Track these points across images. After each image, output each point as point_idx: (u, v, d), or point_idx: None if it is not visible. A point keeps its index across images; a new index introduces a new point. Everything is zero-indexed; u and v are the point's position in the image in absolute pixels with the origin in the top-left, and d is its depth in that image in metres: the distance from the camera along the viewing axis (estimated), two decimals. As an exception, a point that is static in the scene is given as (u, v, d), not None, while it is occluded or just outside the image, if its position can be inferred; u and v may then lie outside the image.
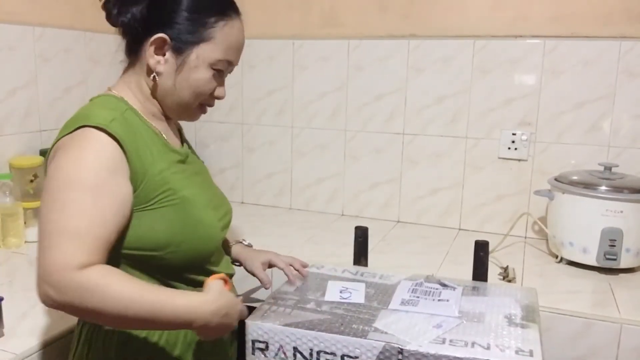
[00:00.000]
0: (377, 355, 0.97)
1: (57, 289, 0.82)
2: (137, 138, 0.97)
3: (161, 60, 1.00)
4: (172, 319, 0.87)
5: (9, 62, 1.71)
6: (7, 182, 1.62)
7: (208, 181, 1.17)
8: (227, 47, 1.03)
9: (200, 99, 1.05)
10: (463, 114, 1.90)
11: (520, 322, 1.06)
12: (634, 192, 1.51)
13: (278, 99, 2.14)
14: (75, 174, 0.88)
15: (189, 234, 0.99)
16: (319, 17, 2.05)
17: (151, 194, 0.96)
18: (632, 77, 1.71)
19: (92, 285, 0.82)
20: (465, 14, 1.87)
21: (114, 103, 1.00)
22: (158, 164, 0.99)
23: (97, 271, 0.84)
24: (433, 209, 2.00)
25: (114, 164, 0.91)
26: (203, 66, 1.01)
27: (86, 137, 0.91)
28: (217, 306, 0.91)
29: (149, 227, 0.96)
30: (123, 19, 1.00)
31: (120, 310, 0.83)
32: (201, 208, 1.03)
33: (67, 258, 0.83)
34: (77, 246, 0.84)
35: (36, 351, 1.09)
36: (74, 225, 0.85)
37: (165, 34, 0.99)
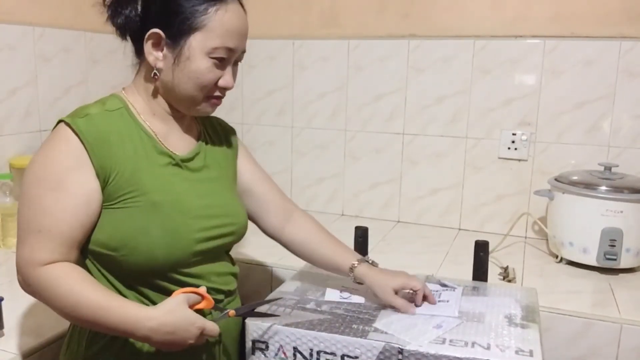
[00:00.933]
0: (377, 355, 0.97)
1: (23, 281, 0.93)
2: (111, 135, 0.97)
3: (159, 56, 1.00)
4: (114, 326, 0.90)
5: (9, 62, 1.71)
6: (7, 182, 1.62)
7: (215, 189, 1.09)
8: (223, 33, 0.99)
9: (205, 91, 1.02)
10: (463, 114, 1.90)
11: (520, 322, 1.06)
12: (634, 192, 1.51)
13: (278, 99, 2.14)
14: (42, 172, 0.93)
15: (145, 240, 0.96)
16: (319, 17, 2.05)
17: (116, 193, 0.96)
18: (632, 77, 1.71)
19: (47, 282, 0.91)
20: (465, 14, 1.87)
21: (111, 101, 1.02)
22: (133, 163, 0.98)
23: (56, 269, 0.91)
24: (433, 209, 2.00)
25: (77, 161, 0.94)
26: (199, 56, 0.98)
27: (57, 134, 0.96)
28: (157, 323, 0.90)
29: (108, 226, 0.96)
30: (119, 21, 1.01)
31: (69, 309, 0.90)
32: (170, 215, 0.99)
33: (32, 254, 0.91)
34: (40, 243, 0.91)
35: (36, 351, 1.09)
36: (37, 223, 0.92)
37: (158, 29, 0.98)
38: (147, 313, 0.91)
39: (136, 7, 1.00)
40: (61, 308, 0.91)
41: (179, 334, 0.91)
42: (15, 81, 1.73)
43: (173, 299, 0.93)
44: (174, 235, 0.98)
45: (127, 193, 0.96)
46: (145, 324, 0.90)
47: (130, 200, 0.96)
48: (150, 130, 1.03)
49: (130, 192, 0.96)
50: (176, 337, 0.91)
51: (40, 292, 0.92)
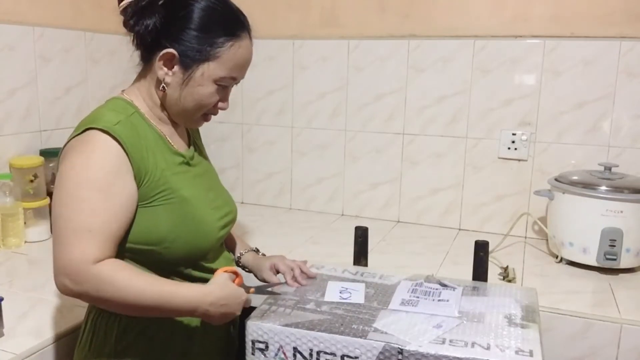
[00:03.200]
0: (377, 355, 0.97)
1: (75, 280, 0.93)
2: (140, 140, 1.03)
3: (169, 73, 1.06)
4: (176, 308, 0.99)
5: (9, 62, 1.71)
6: (7, 182, 1.61)
7: (212, 182, 1.21)
8: (233, 66, 1.07)
9: (204, 110, 1.10)
10: (463, 114, 1.90)
11: (520, 322, 1.06)
12: (634, 192, 1.51)
13: (278, 99, 2.14)
14: (87, 175, 0.96)
15: (184, 232, 1.05)
16: (319, 17, 2.05)
17: (151, 192, 1.02)
18: (632, 77, 1.71)
19: (106, 277, 0.93)
20: (465, 14, 1.87)
21: (123, 106, 1.07)
22: (160, 164, 1.05)
23: (109, 265, 0.95)
24: (433, 209, 2.00)
25: (119, 165, 0.98)
26: (208, 82, 1.06)
27: (93, 139, 0.98)
28: (215, 297, 1.01)
29: (147, 223, 1.02)
30: (138, 29, 1.04)
31: (130, 299, 0.94)
32: (199, 208, 1.08)
33: (83, 253, 0.93)
34: (91, 242, 0.94)
35: (36, 351, 1.09)
36: (88, 223, 0.94)
37: (174, 49, 1.04)
38: (205, 289, 1.01)
39: (157, 20, 1.04)
40: (123, 300, 0.94)
41: (231, 306, 1.03)
42: (15, 81, 1.73)
43: (221, 277, 1.05)
44: (205, 225, 1.09)
45: (161, 192, 1.04)
46: (205, 299, 0.99)
47: (164, 199, 1.04)
48: (160, 132, 1.10)
49: (164, 191, 1.04)
50: (229, 308, 1.03)
51: (99, 288, 0.93)
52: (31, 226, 1.68)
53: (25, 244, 1.67)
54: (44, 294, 1.32)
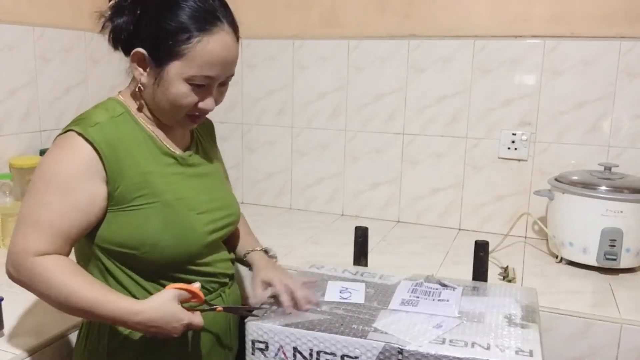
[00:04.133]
0: (377, 355, 0.97)
1: (14, 268, 0.96)
2: (121, 142, 1.01)
3: (144, 73, 1.03)
4: (105, 317, 0.96)
5: (9, 62, 1.71)
6: (7, 182, 1.62)
7: (211, 184, 1.16)
8: (204, 63, 1.00)
9: (184, 111, 1.04)
10: (463, 114, 1.90)
11: (520, 322, 1.06)
12: (634, 192, 1.51)
13: (278, 99, 2.14)
14: (49, 172, 0.97)
15: (164, 237, 1.02)
16: (319, 17, 2.05)
17: (129, 196, 1.01)
18: (632, 77, 1.71)
19: (40, 272, 0.94)
20: (465, 14, 1.87)
21: (112, 106, 1.06)
22: (142, 166, 1.03)
23: (49, 260, 0.94)
24: (433, 209, 2.00)
25: (86, 169, 0.97)
26: (177, 81, 1.01)
27: (66, 142, 0.99)
28: (144, 318, 0.95)
29: (126, 226, 1.01)
30: (109, 28, 1.06)
31: (61, 299, 0.94)
32: (183, 212, 1.05)
33: (26, 243, 0.94)
34: (35, 234, 0.95)
35: (36, 351, 1.09)
36: (37, 215, 0.95)
37: (143, 49, 1.01)
38: (134, 308, 0.95)
39: (129, 20, 1.03)
40: (53, 298, 0.94)
41: (164, 328, 0.96)
42: (15, 81, 1.73)
43: (162, 295, 0.97)
44: (189, 231, 1.05)
45: (140, 197, 1.01)
46: (132, 318, 0.95)
47: (145, 202, 1.01)
48: (151, 133, 1.07)
49: (144, 195, 1.01)
50: (162, 330, 0.96)
51: (32, 281, 0.94)
52: (31, 226, 1.68)
53: (25, 244, 1.66)
54: (44, 294, 1.32)
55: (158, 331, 0.96)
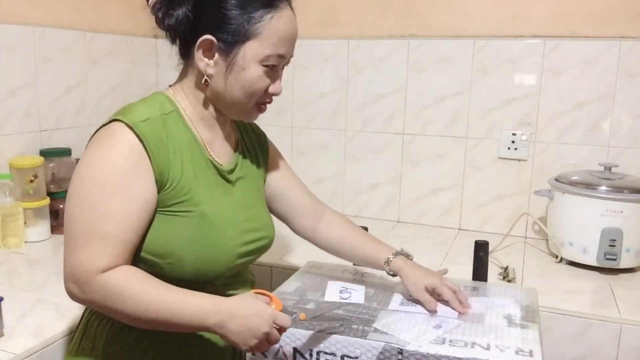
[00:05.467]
0: (377, 355, 0.96)
1: (82, 288, 0.88)
2: (169, 142, 0.96)
3: (210, 63, 0.98)
4: (188, 320, 0.89)
5: (9, 62, 1.71)
6: (7, 182, 1.61)
7: (250, 202, 1.09)
8: (277, 41, 0.97)
9: (255, 98, 1.01)
10: (463, 114, 1.90)
11: (520, 323, 1.06)
12: (634, 192, 1.51)
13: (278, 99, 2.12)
14: (103, 175, 0.89)
15: (193, 251, 0.97)
16: (319, 17, 2.05)
17: (169, 201, 0.95)
18: (632, 77, 1.71)
19: (114, 287, 0.87)
20: (465, 14, 1.87)
21: (161, 102, 1.00)
22: (187, 171, 0.97)
23: (119, 273, 0.88)
24: (433, 209, 2.00)
25: (139, 166, 0.91)
26: (253, 64, 0.97)
27: (115, 133, 0.92)
28: (234, 306, 0.90)
29: (157, 232, 0.95)
30: (169, 22, 0.97)
31: (140, 311, 0.87)
32: (219, 228, 0.99)
33: (93, 260, 0.87)
34: (103, 249, 0.88)
35: (36, 351, 1.09)
36: (102, 229, 0.88)
37: (211, 35, 0.96)
38: (221, 299, 0.90)
39: (188, 9, 0.96)
40: (131, 311, 0.88)
41: (252, 320, 0.89)
42: (15, 81, 1.73)
43: (247, 293, 0.95)
44: (221, 249, 1.00)
45: (181, 202, 0.96)
46: (219, 310, 0.89)
47: (183, 210, 0.96)
48: (198, 137, 1.02)
49: (184, 202, 0.96)
50: (250, 322, 0.89)
51: (106, 298, 0.87)
52: (31, 226, 1.68)
53: (25, 244, 1.66)
54: (44, 294, 1.32)
55: (247, 324, 0.88)
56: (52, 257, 1.59)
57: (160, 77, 2.22)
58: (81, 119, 1.90)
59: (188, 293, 0.91)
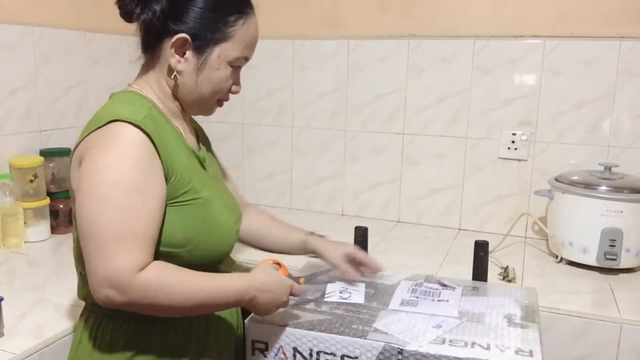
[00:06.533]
0: (377, 355, 0.97)
1: (121, 291, 0.87)
2: (164, 135, 0.98)
3: (181, 60, 1.01)
4: (226, 300, 0.96)
5: (9, 62, 1.71)
6: (7, 182, 1.61)
7: (222, 184, 1.17)
8: (246, 45, 1.05)
9: (219, 96, 1.07)
10: (463, 114, 1.90)
11: (520, 322, 1.06)
12: (634, 192, 1.51)
13: (278, 99, 2.14)
14: (123, 176, 0.90)
15: (208, 234, 1.01)
16: (319, 17, 2.05)
17: (177, 192, 0.97)
18: (632, 77, 1.71)
19: (154, 283, 0.89)
20: (465, 14, 1.87)
21: (139, 100, 1.02)
22: (182, 161, 1.00)
23: (154, 269, 0.90)
24: (433, 209, 2.00)
25: (152, 162, 0.93)
26: (223, 65, 1.03)
27: (123, 134, 0.92)
28: (263, 282, 0.99)
29: (172, 224, 0.97)
30: (144, 16, 0.99)
31: (183, 300, 0.91)
32: (220, 210, 1.05)
33: (130, 262, 0.87)
34: (137, 249, 0.89)
35: (36, 351, 1.09)
36: (131, 229, 0.89)
37: (186, 34, 0.99)
38: (250, 276, 0.99)
39: (164, 5, 0.99)
40: (174, 303, 0.91)
41: (277, 292, 1.01)
42: (15, 81, 1.73)
43: (264, 266, 1.05)
44: (225, 227, 1.06)
45: (186, 192, 0.99)
46: (252, 285, 0.98)
47: (190, 198, 0.99)
48: (177, 129, 1.05)
49: (188, 191, 0.99)
50: (275, 295, 1.00)
51: (148, 296, 0.88)
52: (31, 226, 1.68)
53: (25, 244, 1.66)
54: (44, 294, 1.32)
55: (273, 297, 1.00)
56: (52, 257, 1.60)
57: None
58: (81, 119, 1.90)
59: (221, 277, 0.98)
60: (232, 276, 1.00)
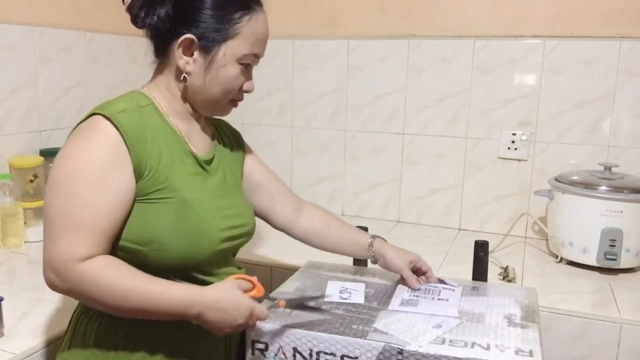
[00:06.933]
0: (376, 355, 0.97)
1: (60, 277, 0.89)
2: (146, 131, 0.97)
3: (189, 61, 1.01)
4: (167, 309, 0.92)
5: (9, 62, 1.71)
6: (7, 182, 1.62)
7: (228, 190, 1.12)
8: (254, 41, 1.04)
9: (231, 95, 1.06)
10: (463, 114, 1.90)
11: (520, 322, 1.06)
12: (634, 192, 1.51)
13: (278, 99, 2.14)
14: (82, 166, 0.91)
15: (176, 236, 0.98)
16: (319, 17, 2.05)
17: (149, 188, 0.97)
18: (632, 77, 1.71)
19: (92, 276, 0.88)
20: (465, 14, 1.87)
21: (136, 97, 1.02)
22: (164, 159, 0.99)
23: (97, 262, 0.90)
24: (433, 209, 2.00)
25: (117, 155, 0.93)
26: (231, 62, 1.02)
27: (94, 126, 0.94)
28: (210, 300, 0.93)
29: (139, 220, 0.96)
30: (149, 21, 1.00)
31: (119, 300, 0.89)
32: (200, 213, 1.01)
33: (71, 249, 0.88)
34: (80, 238, 0.89)
35: (36, 351, 1.09)
36: (79, 218, 0.89)
37: (192, 34, 0.99)
38: (200, 291, 0.94)
39: (169, 7, 1.00)
40: (110, 301, 0.89)
41: (229, 312, 0.94)
42: (15, 81, 1.73)
43: (225, 282, 0.98)
44: (203, 232, 1.01)
45: (160, 190, 0.97)
46: (198, 301, 0.92)
47: (162, 197, 0.98)
48: (175, 129, 1.05)
49: (163, 189, 0.98)
50: (227, 315, 0.94)
51: (84, 287, 0.89)
52: (31, 226, 1.68)
53: (25, 244, 1.67)
54: (44, 294, 1.32)
55: (224, 317, 0.94)
56: (52, 257, 1.59)
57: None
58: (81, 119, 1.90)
59: (167, 284, 0.93)
60: (179, 286, 0.94)
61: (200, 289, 0.95)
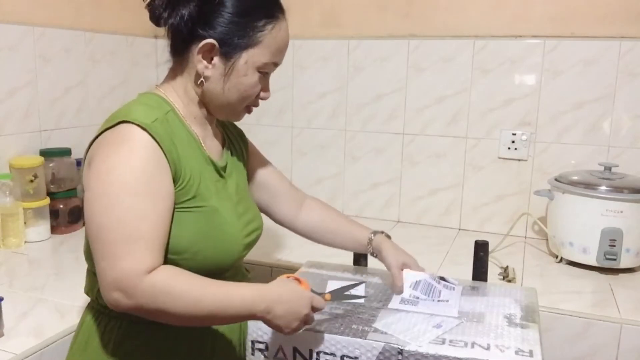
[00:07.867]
0: (376, 355, 0.96)
1: (129, 294, 0.85)
2: (175, 140, 0.96)
3: (209, 66, 1.00)
4: (236, 311, 0.90)
5: (9, 62, 1.71)
6: (7, 182, 1.62)
7: (243, 194, 1.13)
8: (275, 50, 1.03)
9: (247, 102, 1.05)
10: (463, 114, 1.90)
11: (520, 322, 1.06)
12: (634, 192, 1.51)
13: (278, 99, 2.14)
14: (127, 178, 0.88)
15: (207, 244, 0.98)
16: (319, 17, 2.05)
17: (182, 197, 0.96)
18: (632, 77, 1.71)
19: (163, 287, 0.86)
20: (465, 14, 1.87)
21: (158, 102, 1.01)
22: (194, 168, 0.99)
23: (164, 272, 0.88)
24: (433, 209, 2.00)
25: (160, 165, 0.92)
26: (251, 71, 1.01)
27: (130, 136, 0.91)
28: (277, 294, 0.93)
29: (174, 228, 0.95)
30: (172, 21, 0.98)
31: (190, 306, 0.87)
32: (228, 221, 1.02)
33: (137, 263, 0.85)
34: (143, 251, 0.86)
35: (36, 351, 1.09)
36: (139, 231, 0.87)
37: (213, 40, 0.98)
38: (263, 286, 0.94)
39: (192, 9, 0.97)
40: (181, 310, 0.87)
41: (295, 303, 0.93)
42: (15, 81, 1.73)
43: (280, 279, 0.98)
44: (230, 241, 1.02)
45: (192, 198, 0.97)
46: (266, 295, 0.92)
47: (194, 205, 0.97)
48: (194, 134, 1.03)
49: (194, 197, 0.97)
50: (293, 306, 0.93)
51: (155, 300, 0.86)
52: (31, 226, 1.68)
53: (25, 244, 1.67)
54: (44, 294, 1.32)
55: (290, 308, 0.92)
56: (52, 257, 1.60)
57: (160, 77, 2.20)
58: (81, 119, 1.90)
59: (233, 285, 0.93)
60: (243, 285, 0.94)
61: (263, 285, 0.94)
